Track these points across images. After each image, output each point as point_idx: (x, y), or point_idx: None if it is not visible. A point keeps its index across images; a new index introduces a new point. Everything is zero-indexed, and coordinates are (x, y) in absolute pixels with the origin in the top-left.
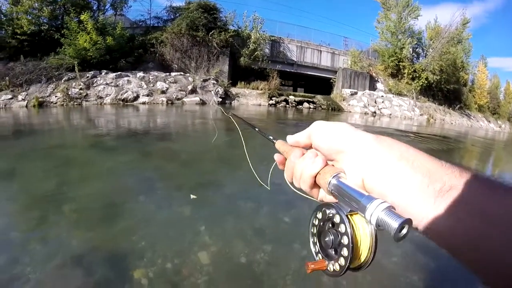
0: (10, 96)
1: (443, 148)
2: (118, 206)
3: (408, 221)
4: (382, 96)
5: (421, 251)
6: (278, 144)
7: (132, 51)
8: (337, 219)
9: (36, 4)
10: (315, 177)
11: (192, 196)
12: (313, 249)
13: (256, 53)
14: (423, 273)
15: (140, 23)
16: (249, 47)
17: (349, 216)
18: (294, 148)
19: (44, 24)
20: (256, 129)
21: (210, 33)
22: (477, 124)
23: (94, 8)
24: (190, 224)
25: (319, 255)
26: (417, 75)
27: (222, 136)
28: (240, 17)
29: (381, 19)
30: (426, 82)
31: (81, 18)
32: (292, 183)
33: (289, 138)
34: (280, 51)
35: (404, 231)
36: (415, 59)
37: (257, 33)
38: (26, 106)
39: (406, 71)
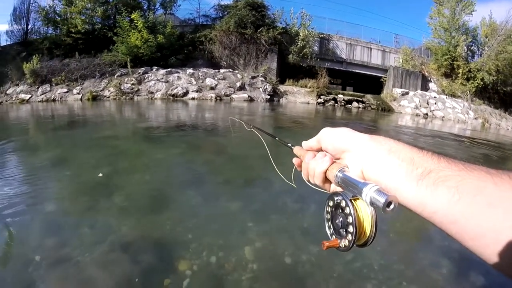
0: (65, 90)
1: (497, 155)
2: (167, 197)
3: (392, 198)
4: (434, 97)
5: (469, 263)
6: (296, 149)
7: (182, 49)
8: (343, 203)
9: (89, 5)
10: (325, 173)
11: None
12: (328, 232)
13: (304, 50)
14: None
15: (189, 22)
16: (298, 44)
17: (352, 200)
18: (307, 151)
19: (97, 23)
20: (277, 138)
21: (258, 30)
22: None
23: (145, 7)
24: (236, 219)
25: (333, 236)
26: (472, 75)
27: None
28: (288, 14)
29: (434, 14)
30: (481, 83)
31: (132, 17)
32: (308, 181)
33: (304, 143)
34: (329, 48)
35: (392, 206)
36: (470, 58)
37: (306, 30)
38: (81, 99)
39: (460, 70)
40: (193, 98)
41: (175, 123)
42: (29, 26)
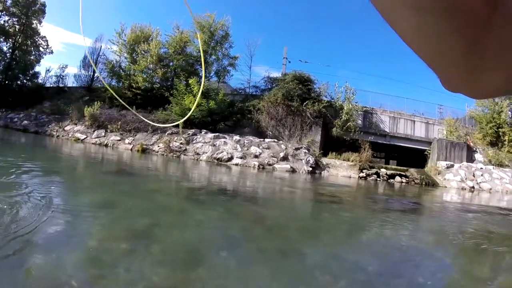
0: (118, 138)
1: None
2: (201, 256)
3: None
4: (481, 168)
5: None
6: None
7: (231, 116)
8: None
9: (151, 65)
10: None
11: None
12: None
13: (348, 124)
14: None
15: (240, 91)
16: (342, 118)
17: None
18: None
19: (156, 83)
20: None
21: (304, 103)
22: None
23: (201, 74)
24: (266, 286)
25: None
26: None
27: (308, 208)
28: (333, 88)
29: None
30: None
31: (190, 82)
32: None
33: None
34: (372, 122)
35: None
36: None
37: (350, 104)
38: (131, 149)
39: (506, 137)
40: (236, 164)
41: (217, 186)
42: (95, 75)
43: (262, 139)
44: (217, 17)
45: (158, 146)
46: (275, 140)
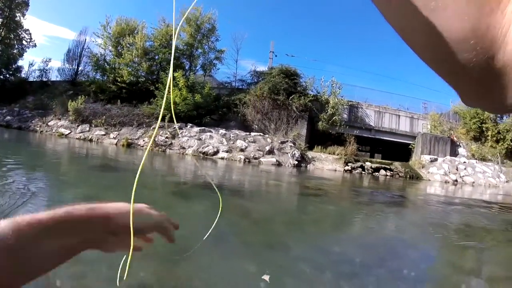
0: (103, 133)
1: None
2: (186, 250)
3: None
4: (464, 162)
5: None
6: None
7: (217, 109)
8: None
9: (136, 59)
10: None
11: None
12: None
13: (334, 117)
14: None
15: (226, 85)
16: (327, 111)
17: None
18: None
19: (141, 77)
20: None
21: (290, 97)
22: None
23: (186, 67)
24: (251, 280)
25: None
26: (502, 136)
27: (294, 201)
28: (319, 82)
29: None
30: (511, 144)
31: (175, 75)
32: None
33: None
34: (358, 116)
35: None
36: (498, 119)
37: (335, 98)
38: (116, 144)
39: (489, 133)
40: (222, 158)
41: (203, 180)
42: (80, 68)
43: (248, 133)
44: (204, 10)
45: (143, 141)
46: (261, 133)
